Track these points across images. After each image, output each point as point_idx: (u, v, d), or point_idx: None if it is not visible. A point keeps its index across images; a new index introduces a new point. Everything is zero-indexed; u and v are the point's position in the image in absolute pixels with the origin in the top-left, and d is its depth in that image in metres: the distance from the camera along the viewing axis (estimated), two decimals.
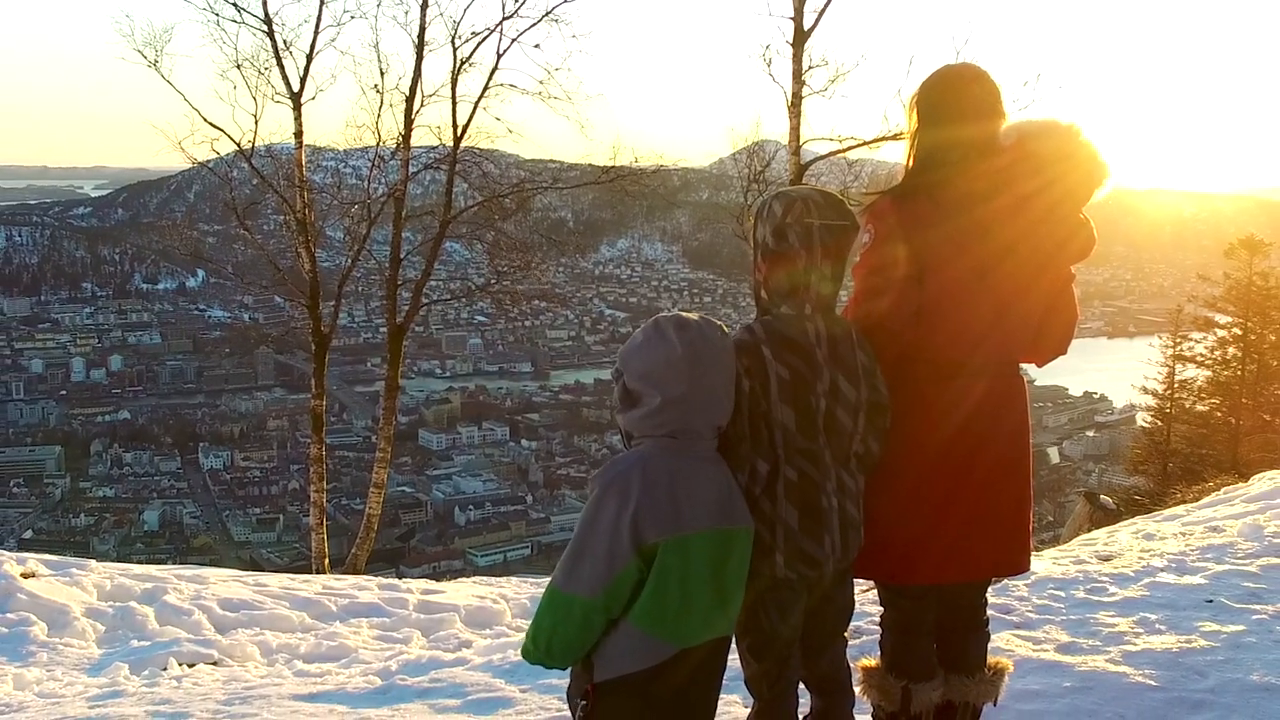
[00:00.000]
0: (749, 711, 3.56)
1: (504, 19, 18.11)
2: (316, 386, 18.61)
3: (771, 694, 3.46)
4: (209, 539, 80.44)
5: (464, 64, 18.25)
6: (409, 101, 18.20)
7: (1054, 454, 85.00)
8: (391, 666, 6.29)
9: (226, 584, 10.62)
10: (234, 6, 17.85)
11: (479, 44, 18.24)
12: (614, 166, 19.22)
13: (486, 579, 11.89)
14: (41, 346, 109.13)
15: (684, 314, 3.11)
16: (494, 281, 20.44)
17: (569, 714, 3.17)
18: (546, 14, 18.16)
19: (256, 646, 8.78)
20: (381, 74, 18.25)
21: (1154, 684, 4.78)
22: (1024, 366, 3.90)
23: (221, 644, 8.83)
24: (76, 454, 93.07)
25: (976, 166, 3.50)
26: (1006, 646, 5.17)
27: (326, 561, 18.03)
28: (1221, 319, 30.76)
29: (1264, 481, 10.60)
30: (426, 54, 18.12)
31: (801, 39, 16.59)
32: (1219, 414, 30.16)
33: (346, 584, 10.76)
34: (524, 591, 9.98)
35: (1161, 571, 6.10)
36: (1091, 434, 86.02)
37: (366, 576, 12.80)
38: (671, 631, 3.01)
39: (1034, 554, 7.53)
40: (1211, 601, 5.62)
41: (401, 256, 18.80)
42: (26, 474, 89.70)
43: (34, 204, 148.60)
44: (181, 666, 7.93)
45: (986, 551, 3.65)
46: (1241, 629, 5.28)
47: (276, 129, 18.47)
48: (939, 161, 3.57)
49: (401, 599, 9.78)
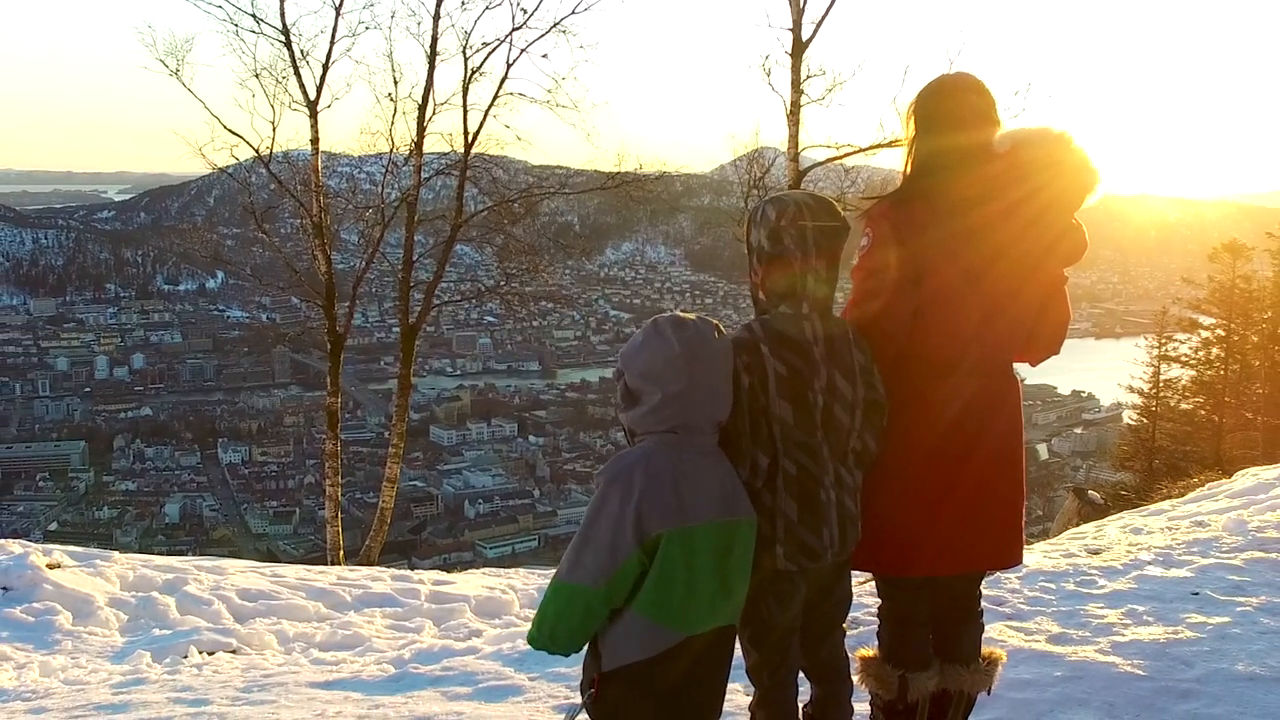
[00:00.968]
0: (750, 700, 3.54)
1: (513, 30, 18.11)
2: (332, 384, 18.62)
3: (771, 683, 3.45)
4: (227, 531, 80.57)
5: (475, 73, 18.24)
6: (421, 109, 18.20)
7: (1043, 450, 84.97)
8: (405, 655, 6.28)
9: (245, 575, 10.63)
10: (253, 18, 17.87)
11: (489, 54, 18.23)
12: (619, 172, 19.22)
13: (495, 570, 11.90)
14: (67, 345, 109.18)
15: (681, 314, 3.12)
16: (503, 283, 20.45)
17: (577, 702, 3.17)
18: (555, 25, 18.17)
19: (274, 635, 8.78)
20: (395, 83, 18.25)
21: (1142, 674, 4.77)
22: (1015, 366, 3.90)
23: (240, 633, 8.83)
24: (100, 449, 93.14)
25: (972, 173, 3.48)
26: (999, 637, 5.16)
27: (341, 553, 18.03)
28: (1205, 320, 30.79)
29: (1247, 477, 10.59)
30: (438, 64, 18.11)
31: (800, 49, 16.59)
32: (1202, 412, 30.21)
33: (360, 575, 10.76)
34: (531, 583, 9.97)
35: (1149, 565, 6.09)
36: (1079, 431, 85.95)
37: (380, 568, 12.78)
38: (676, 619, 3.01)
39: (1025, 548, 7.53)
40: (1197, 594, 5.61)
41: (414, 259, 18.78)
42: (52, 468, 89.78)
43: (60, 208, 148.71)
44: (202, 654, 7.92)
45: (981, 545, 3.63)
46: (1227, 620, 5.26)
47: (294, 136, 18.45)
48: (935, 168, 3.56)
49: (414, 590, 9.79)
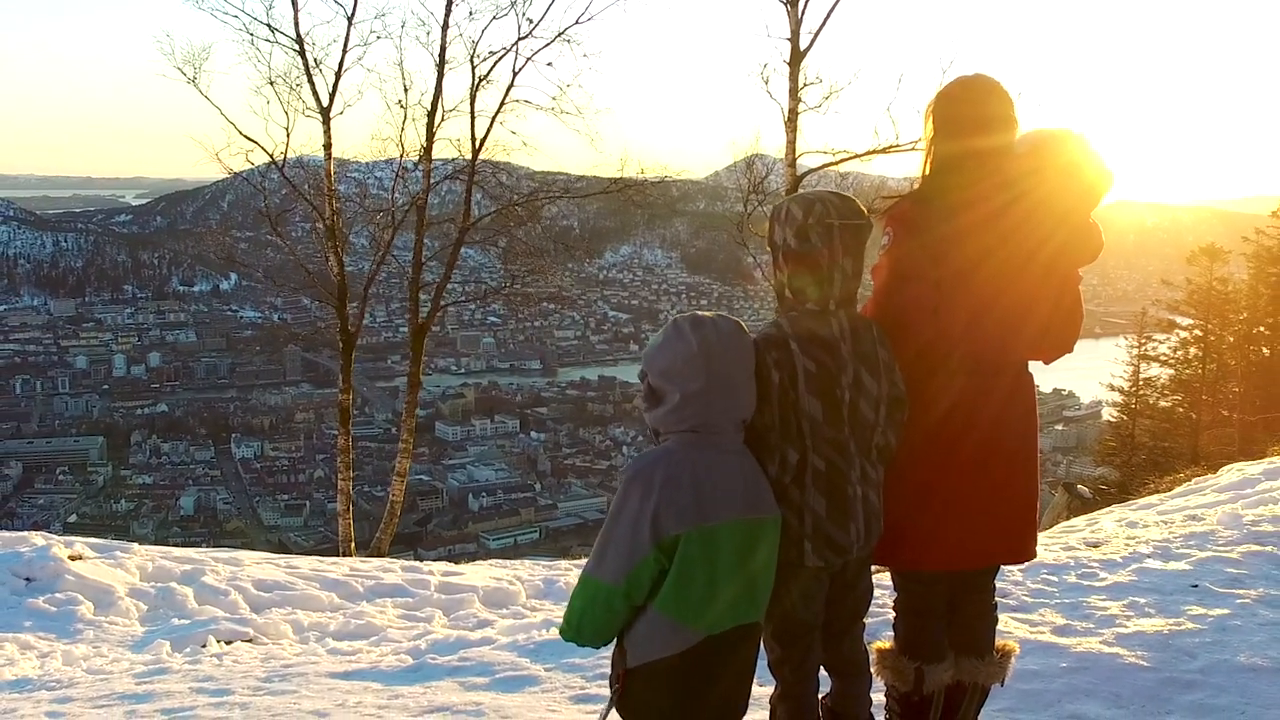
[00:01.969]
0: (771, 694, 3.45)
1: (520, 39, 18.05)
2: (344, 382, 18.52)
3: (794, 678, 3.36)
4: (240, 523, 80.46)
5: (482, 81, 18.19)
6: (430, 116, 18.11)
7: None
8: (421, 645, 6.19)
9: (260, 566, 10.56)
10: (268, 27, 17.80)
11: (496, 62, 18.18)
12: (621, 177, 19.16)
13: (501, 561, 11.82)
14: (86, 344, 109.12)
15: (701, 313, 3.05)
16: (507, 284, 20.37)
17: (593, 692, 3.10)
18: (560, 34, 18.11)
19: (289, 625, 8.72)
20: (405, 90, 18.19)
21: (1146, 665, 4.70)
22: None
23: (256, 622, 8.77)
24: (118, 444, 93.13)
25: (990, 174, 3.40)
26: (1004, 629, 5.05)
27: (353, 545, 17.95)
28: (1183, 321, 30.85)
29: (1232, 473, 10.54)
30: (447, 72, 18.06)
31: (798, 58, 16.53)
32: (1180, 409, 30.24)
33: (372, 566, 10.69)
34: (537, 574, 9.89)
35: (1148, 558, 6.01)
36: (1060, 427, 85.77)
37: (390, 559, 12.72)
38: (697, 618, 2.93)
39: None
40: (1197, 586, 5.54)
41: (423, 261, 18.70)
42: (72, 462, 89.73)
43: (79, 212, 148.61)
44: (220, 644, 7.86)
45: (995, 540, 3.55)
46: (1227, 613, 5.20)
47: (307, 141, 18.37)
48: (954, 169, 3.48)
49: (424, 580, 9.72)
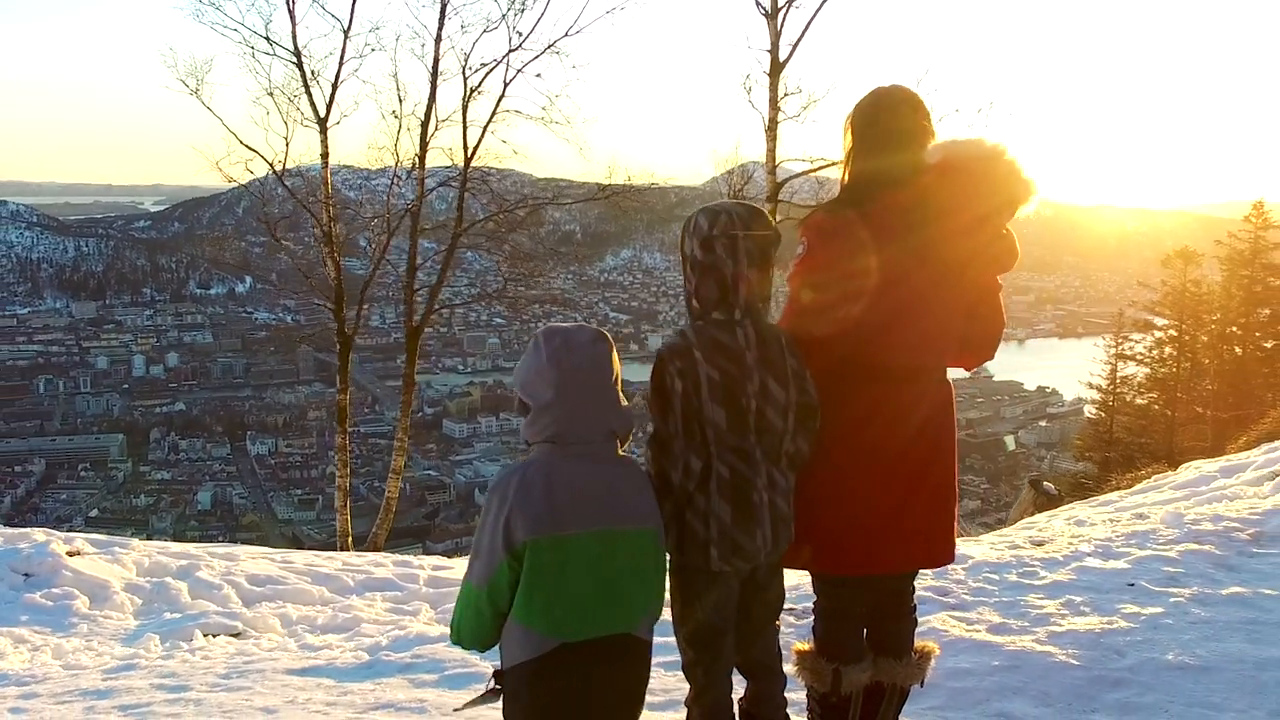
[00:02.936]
0: (687, 695, 3.38)
1: (510, 51, 17.98)
2: (341, 382, 18.47)
3: (706, 680, 3.29)
4: (255, 517, 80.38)
5: (474, 92, 18.11)
6: (424, 126, 18.06)
7: (1010, 442, 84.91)
8: (381, 642, 6.10)
9: (256, 561, 10.48)
10: (266, 40, 17.72)
11: (487, 74, 18.10)
12: (609, 184, 19.09)
13: None
14: (106, 345, 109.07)
15: (558, 325, 3.00)
16: (503, 287, 20.29)
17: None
18: (549, 47, 18.03)
19: (278, 619, 8.64)
20: (400, 101, 18.14)
21: (1076, 663, 4.62)
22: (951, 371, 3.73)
23: (246, 616, 8.70)
24: (137, 441, 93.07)
25: (905, 183, 3.32)
26: (942, 627, 5.01)
27: (350, 539, 17.88)
28: (1159, 321, 30.90)
29: (1189, 470, 10.45)
30: (440, 83, 17.99)
31: (777, 69, 16.48)
32: (1156, 406, 30.25)
33: (365, 560, 10.62)
34: None
35: (1088, 556, 5.91)
36: (1044, 424, 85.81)
37: (384, 554, 12.64)
38: (547, 625, 2.85)
39: (974, 539, 7.37)
40: (1133, 585, 5.44)
41: (418, 265, 18.63)
42: (93, 459, 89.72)
43: (100, 218, 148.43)
44: (207, 637, 7.79)
45: (910, 545, 3.47)
46: (1160, 611, 5.11)
47: (306, 150, 18.32)
48: (870, 178, 3.41)
49: (413, 574, 9.67)
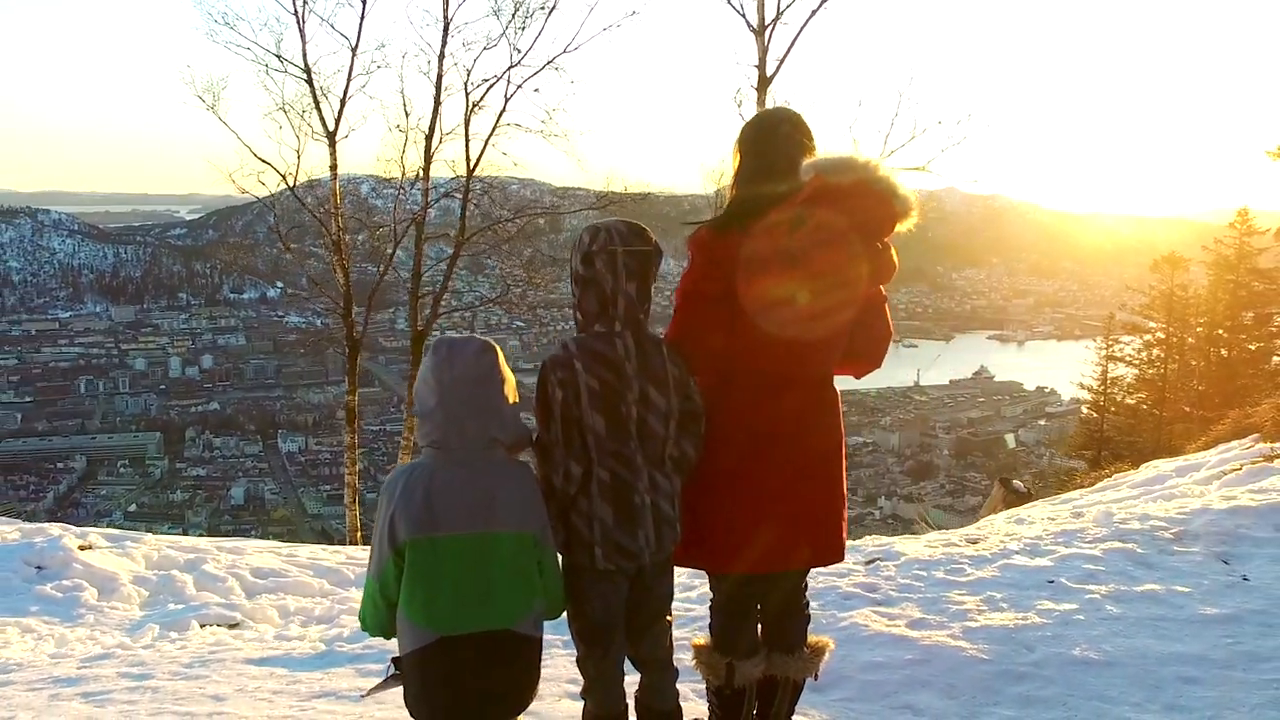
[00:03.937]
0: (582, 688, 3.42)
1: (510, 67, 18.02)
2: (350, 384, 18.54)
3: (597, 673, 3.34)
4: (286, 512, 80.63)
5: (475, 106, 18.15)
6: (428, 139, 18.10)
7: (1010, 440, 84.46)
8: (343, 633, 6.15)
9: (261, 554, 10.53)
10: (278, 58, 17.82)
11: (488, 90, 18.14)
12: (607, 193, 19.16)
13: None
14: (144, 347, 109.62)
15: (448, 335, 3.06)
16: (504, 292, 20.35)
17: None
18: (548, 63, 18.06)
19: (276, 610, 8.69)
20: (406, 115, 18.20)
21: (985, 657, 4.63)
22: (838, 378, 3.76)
23: (246, 608, 8.75)
24: (174, 439, 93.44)
25: (781, 200, 3.35)
26: (864, 622, 5.02)
27: (359, 534, 17.97)
28: (1149, 324, 30.86)
29: (1148, 469, 10.41)
30: (444, 98, 18.03)
31: (764, 84, 16.47)
32: (1145, 406, 30.14)
33: (368, 554, 10.66)
34: None
35: (1016, 554, 5.90)
36: (1043, 423, 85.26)
37: None
38: (425, 619, 2.94)
39: (914, 537, 7.37)
40: (1053, 582, 5.43)
41: (423, 272, 18.68)
42: (131, 456, 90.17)
43: (138, 226, 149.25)
44: (204, 628, 7.84)
45: (797, 545, 3.50)
46: (1074, 607, 5.10)
47: (319, 162, 18.42)
48: (751, 195, 3.44)
49: None
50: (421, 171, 18.10)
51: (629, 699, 3.44)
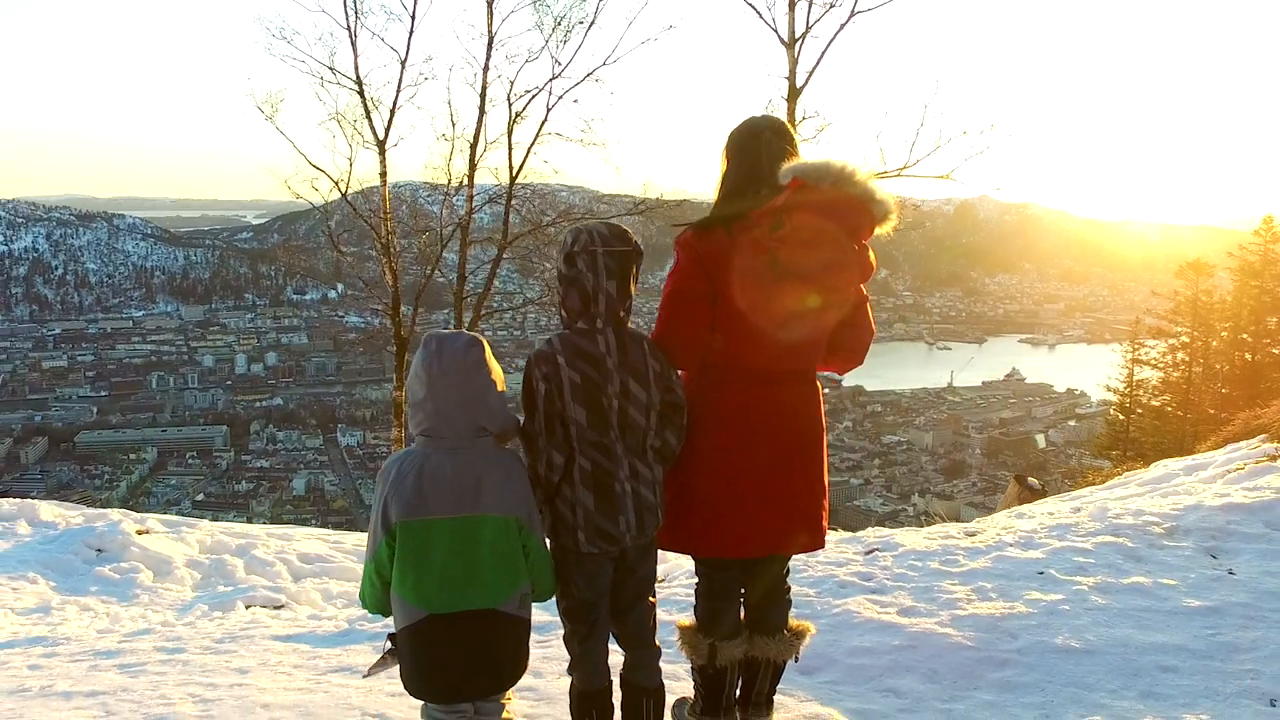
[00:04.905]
0: (568, 664, 3.47)
1: (551, 79, 18.14)
2: (398, 380, 18.72)
3: (582, 650, 3.38)
4: (345, 502, 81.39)
5: (518, 116, 18.28)
6: (473, 148, 18.27)
7: (1041, 440, 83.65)
8: (368, 614, 6.22)
9: (309, 541, 10.68)
10: (331, 70, 18.04)
11: (530, 100, 18.27)
12: (645, 199, 19.21)
13: None
14: (212, 345, 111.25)
15: (440, 331, 3.12)
16: (547, 294, 20.44)
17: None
18: (588, 75, 18.17)
19: (319, 593, 8.81)
20: (452, 125, 18.38)
21: (970, 644, 4.62)
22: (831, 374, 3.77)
23: (290, 590, 8.88)
24: (239, 432, 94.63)
25: (761, 203, 3.38)
26: (857, 609, 5.02)
27: None
28: (1175, 329, 30.55)
29: (1158, 468, 10.28)
30: (488, 109, 18.18)
31: (794, 95, 16.47)
32: (1169, 408, 29.80)
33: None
34: None
35: (1010, 546, 5.85)
36: (1072, 423, 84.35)
37: None
38: (415, 597, 3.00)
39: (915, 528, 7.34)
40: (1043, 574, 5.38)
41: (468, 274, 18.84)
42: (199, 448, 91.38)
43: (207, 230, 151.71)
44: (249, 609, 7.96)
45: (777, 531, 3.52)
46: (1060, 598, 5.06)
47: (372, 170, 18.65)
48: (734, 198, 3.48)
49: None
50: (467, 178, 18.25)
51: (615, 677, 3.49)
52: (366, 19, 18.20)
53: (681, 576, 5.81)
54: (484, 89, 18.02)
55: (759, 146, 3.49)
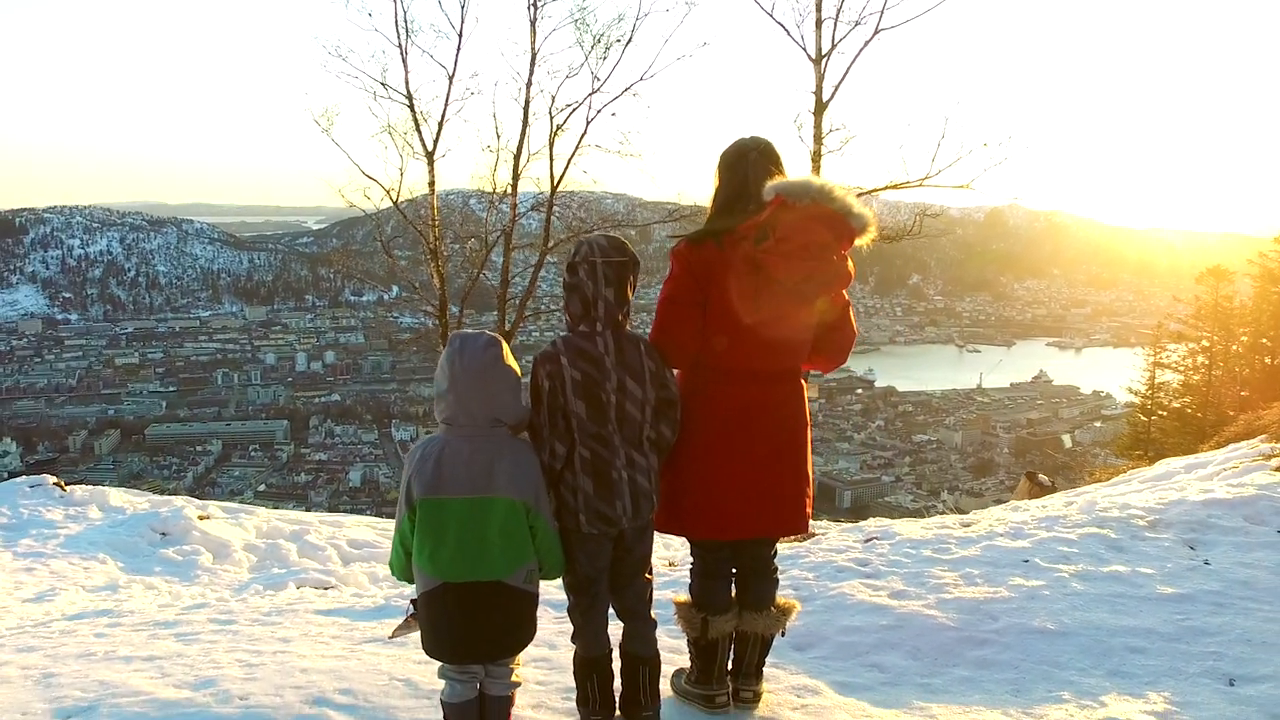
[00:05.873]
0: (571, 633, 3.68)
1: (591, 94, 18.27)
2: None
3: (584, 620, 3.60)
4: (398, 494, 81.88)
5: (559, 129, 18.45)
6: (516, 158, 18.46)
7: (1067, 440, 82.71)
8: (405, 590, 6.47)
9: (358, 528, 10.95)
10: (383, 85, 18.30)
11: (570, 114, 18.42)
12: (679, 207, 19.35)
13: None
14: (274, 344, 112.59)
15: (465, 331, 3.32)
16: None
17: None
18: (626, 89, 18.31)
19: (366, 576, 9.05)
20: (496, 137, 18.58)
21: (952, 625, 4.77)
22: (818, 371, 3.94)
23: (339, 573, 9.14)
24: (299, 427, 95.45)
25: (747, 218, 3.57)
26: (851, 591, 5.18)
27: None
28: (1197, 333, 30.26)
29: (1160, 466, 10.32)
30: (530, 121, 18.37)
31: (821, 109, 16.46)
32: (1189, 410, 29.52)
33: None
34: None
35: (1000, 536, 5.98)
36: (1098, 424, 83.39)
37: None
38: (432, 568, 3.22)
39: (914, 519, 7.47)
40: (1028, 561, 5.51)
41: (511, 279, 19.07)
42: (261, 441, 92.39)
43: (270, 235, 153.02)
44: (300, 589, 8.22)
45: (763, 516, 3.71)
46: (1042, 584, 5.19)
47: (422, 179, 18.93)
48: (723, 213, 3.67)
49: None
50: (510, 187, 18.49)
51: (615, 647, 3.69)
52: (417, 37, 18.35)
53: (676, 555, 6.00)
54: (527, 103, 18.21)
55: (745, 166, 3.68)
